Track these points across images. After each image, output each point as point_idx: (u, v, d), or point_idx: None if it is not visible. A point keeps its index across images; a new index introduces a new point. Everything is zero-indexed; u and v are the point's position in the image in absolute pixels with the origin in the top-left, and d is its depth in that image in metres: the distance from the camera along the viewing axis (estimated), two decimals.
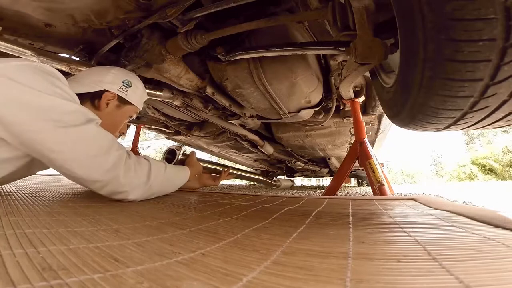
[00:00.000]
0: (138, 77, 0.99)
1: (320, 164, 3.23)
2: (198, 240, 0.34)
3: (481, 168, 8.38)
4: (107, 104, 0.88)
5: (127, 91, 0.91)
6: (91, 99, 0.87)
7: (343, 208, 0.65)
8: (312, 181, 8.30)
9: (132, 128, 2.34)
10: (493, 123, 0.52)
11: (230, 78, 1.20)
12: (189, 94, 1.43)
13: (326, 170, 3.60)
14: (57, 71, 0.75)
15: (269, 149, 2.24)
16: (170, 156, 1.21)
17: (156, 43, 1.09)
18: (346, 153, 2.50)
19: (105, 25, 0.99)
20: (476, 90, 0.42)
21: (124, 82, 0.92)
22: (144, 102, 1.04)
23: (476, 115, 0.48)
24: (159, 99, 1.45)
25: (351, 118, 1.58)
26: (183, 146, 1.30)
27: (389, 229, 0.41)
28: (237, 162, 3.48)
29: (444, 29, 0.38)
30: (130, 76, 0.95)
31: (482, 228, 0.39)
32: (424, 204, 0.70)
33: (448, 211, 0.56)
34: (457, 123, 0.52)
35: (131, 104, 0.94)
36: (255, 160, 3.16)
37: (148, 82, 1.38)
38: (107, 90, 0.88)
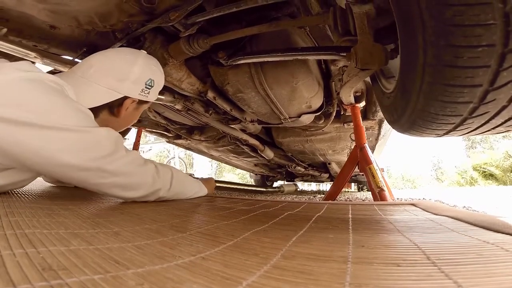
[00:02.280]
0: (161, 68, 0.93)
1: (320, 169, 3.23)
2: (198, 244, 0.34)
3: (482, 173, 8.36)
4: (127, 108, 0.84)
5: (148, 92, 0.86)
6: (109, 108, 0.81)
7: (343, 213, 0.65)
8: (312, 186, 8.28)
9: (133, 131, 2.34)
10: (493, 128, 0.52)
11: (232, 82, 1.20)
12: (191, 98, 1.44)
13: (327, 175, 3.59)
14: (64, 83, 0.72)
15: (269, 153, 2.25)
16: None
17: (158, 47, 1.10)
18: (346, 158, 2.50)
19: (108, 28, 1.00)
20: (476, 96, 0.43)
21: (147, 83, 0.85)
22: None
23: (476, 121, 0.49)
24: (160, 102, 1.46)
25: (352, 123, 1.59)
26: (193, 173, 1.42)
27: (389, 234, 0.41)
28: (237, 167, 3.48)
29: (444, 35, 0.39)
30: (154, 71, 0.88)
31: (482, 233, 0.39)
32: (424, 210, 0.69)
33: (448, 216, 0.56)
34: (457, 129, 0.52)
35: (148, 102, 0.91)
36: (255, 165, 3.16)
37: None
38: (128, 97, 0.82)
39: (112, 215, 0.52)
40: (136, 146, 2.24)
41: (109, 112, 0.82)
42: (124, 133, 2.20)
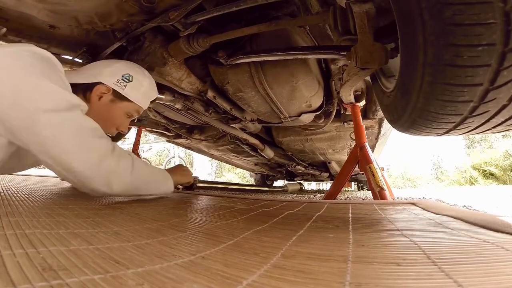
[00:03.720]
0: (148, 74, 0.96)
1: (320, 168, 3.23)
2: (198, 243, 0.34)
3: (482, 172, 8.37)
4: (100, 97, 0.85)
5: (125, 85, 0.88)
6: (83, 90, 0.84)
7: (343, 213, 0.65)
8: (313, 185, 8.28)
9: (133, 130, 2.34)
10: (493, 127, 0.52)
11: (231, 82, 1.20)
12: (191, 97, 1.44)
13: (327, 174, 3.59)
14: (54, 57, 0.75)
15: (269, 153, 2.25)
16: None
17: (158, 46, 1.10)
18: (346, 158, 2.51)
19: (108, 27, 0.99)
20: (476, 95, 0.43)
21: (124, 76, 0.88)
22: (150, 102, 1.01)
23: (476, 120, 0.49)
24: (160, 102, 1.46)
25: (352, 123, 1.59)
26: (198, 177, 1.47)
27: (389, 233, 0.41)
28: (237, 166, 3.48)
29: (444, 34, 0.39)
30: (136, 71, 0.92)
31: (482, 232, 0.39)
32: (424, 209, 0.69)
33: (448, 215, 0.56)
34: (457, 128, 0.52)
35: (129, 101, 0.90)
36: (256, 164, 3.16)
37: None
38: (101, 83, 0.85)
39: (112, 215, 0.52)
40: (136, 145, 2.24)
41: (83, 95, 0.84)
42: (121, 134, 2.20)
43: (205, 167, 14.13)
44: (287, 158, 2.60)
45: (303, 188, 3.65)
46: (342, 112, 1.70)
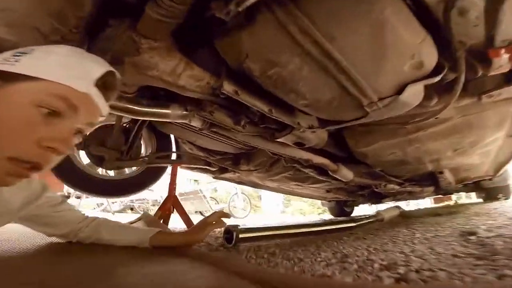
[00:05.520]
0: (69, 49, 0.55)
1: (423, 182, 2.29)
2: None
3: None
4: None
5: (16, 60, 0.47)
6: None
7: None
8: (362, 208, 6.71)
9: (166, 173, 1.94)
10: None
11: (252, 52, 0.64)
12: (206, 103, 0.92)
13: (431, 188, 2.58)
14: None
15: (346, 174, 1.53)
16: (228, 235, 1.13)
17: (123, 30, 0.66)
18: (479, 159, 1.59)
19: (75, 31, 0.69)
20: None
21: (18, 52, 0.50)
22: (95, 82, 0.52)
23: None
24: (166, 119, 0.98)
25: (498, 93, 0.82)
26: (239, 225, 1.18)
27: None
28: (303, 196, 2.78)
29: None
30: (43, 48, 0.52)
31: None
32: None
33: None
34: None
35: (28, 79, 0.46)
36: (328, 191, 2.41)
37: (153, 98, 0.95)
38: None
39: None
40: (171, 186, 1.81)
41: None
42: (154, 175, 1.81)
43: (272, 199, 13.46)
44: (374, 176, 1.81)
45: (403, 210, 2.65)
46: (473, 79, 0.94)
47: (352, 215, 3.84)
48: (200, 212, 6.33)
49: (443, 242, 1.10)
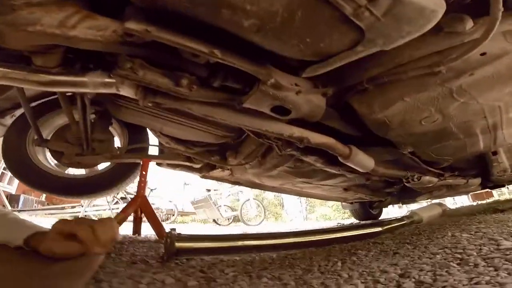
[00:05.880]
0: None
1: (469, 171, 1.81)
2: None
3: None
4: None
5: None
6: None
7: None
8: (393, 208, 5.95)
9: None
10: None
11: None
12: (122, 58, 0.63)
13: (478, 180, 2.07)
14: None
15: (364, 160, 1.12)
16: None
17: None
18: None
19: None
20: None
21: None
22: None
23: None
24: (84, 90, 0.70)
25: None
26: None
27: None
28: (317, 197, 2.35)
29: None
30: None
31: None
32: None
33: None
34: None
35: None
36: (346, 189, 1.98)
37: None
38: None
39: None
40: (141, 184, 1.49)
41: None
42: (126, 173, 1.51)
43: (296, 205, 12.84)
44: (403, 165, 1.38)
45: (446, 208, 2.13)
46: None
47: (379, 218, 3.32)
48: (214, 221, 6.06)
49: None
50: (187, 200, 6.72)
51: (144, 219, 1.51)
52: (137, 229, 1.52)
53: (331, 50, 0.63)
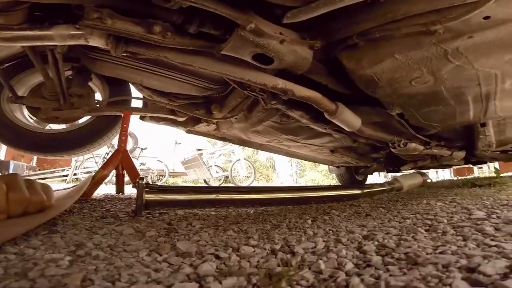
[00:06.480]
0: None
1: (455, 142, 1.82)
2: None
3: None
4: None
5: None
6: None
7: None
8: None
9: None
10: None
11: None
12: (89, 9, 0.59)
13: (462, 153, 2.10)
14: None
15: (350, 118, 1.09)
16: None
17: None
18: None
19: None
20: None
21: None
22: None
23: None
24: (51, 42, 0.69)
25: None
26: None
27: None
28: (304, 158, 2.38)
29: None
30: None
31: None
32: None
33: None
34: None
35: None
36: (332, 151, 2.00)
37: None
38: None
39: None
40: (122, 137, 1.48)
41: None
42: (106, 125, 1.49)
43: (286, 168, 13.13)
44: (391, 128, 1.36)
45: (429, 180, 2.18)
46: None
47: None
48: (205, 181, 6.19)
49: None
50: (178, 160, 6.74)
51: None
52: (119, 186, 1.52)
53: None
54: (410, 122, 1.26)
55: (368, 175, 3.39)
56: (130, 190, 1.70)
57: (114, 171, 1.56)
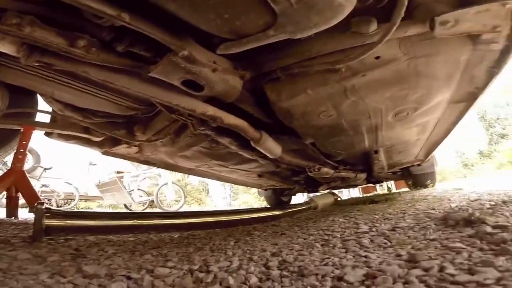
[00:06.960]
0: None
1: (357, 166, 2.16)
2: None
3: None
4: None
5: None
6: None
7: None
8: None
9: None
10: None
11: None
12: (9, 15, 0.54)
13: (364, 175, 2.50)
14: None
15: (272, 146, 1.22)
16: None
17: None
18: (417, 134, 1.44)
19: None
20: None
21: None
22: None
23: None
24: None
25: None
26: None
27: None
28: (234, 183, 2.44)
29: None
30: None
31: None
32: None
33: None
34: None
35: None
36: (260, 175, 2.12)
37: None
38: None
39: None
40: (19, 156, 1.26)
41: None
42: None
43: (219, 192, 12.89)
44: (306, 156, 1.55)
45: (339, 199, 2.49)
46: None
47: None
48: (126, 206, 5.57)
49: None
50: (93, 183, 5.92)
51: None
52: (12, 211, 1.26)
53: (246, 30, 0.65)
54: (322, 150, 1.46)
55: (292, 196, 3.66)
56: (27, 214, 1.41)
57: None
